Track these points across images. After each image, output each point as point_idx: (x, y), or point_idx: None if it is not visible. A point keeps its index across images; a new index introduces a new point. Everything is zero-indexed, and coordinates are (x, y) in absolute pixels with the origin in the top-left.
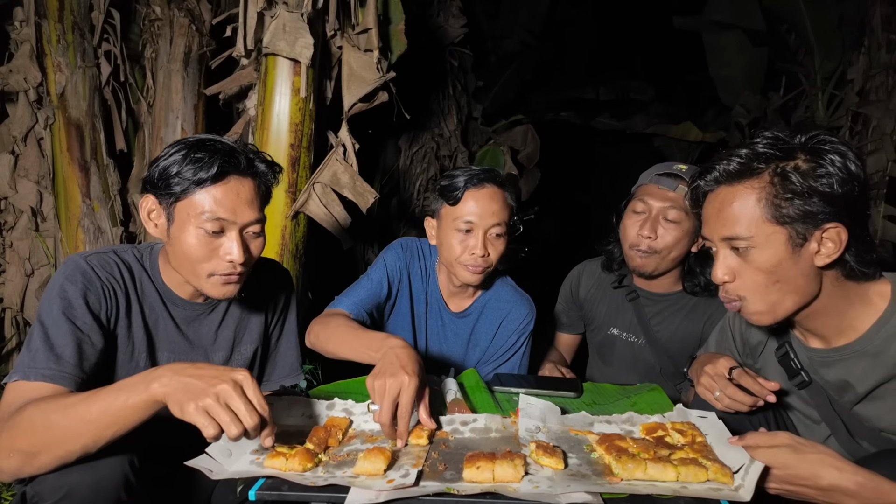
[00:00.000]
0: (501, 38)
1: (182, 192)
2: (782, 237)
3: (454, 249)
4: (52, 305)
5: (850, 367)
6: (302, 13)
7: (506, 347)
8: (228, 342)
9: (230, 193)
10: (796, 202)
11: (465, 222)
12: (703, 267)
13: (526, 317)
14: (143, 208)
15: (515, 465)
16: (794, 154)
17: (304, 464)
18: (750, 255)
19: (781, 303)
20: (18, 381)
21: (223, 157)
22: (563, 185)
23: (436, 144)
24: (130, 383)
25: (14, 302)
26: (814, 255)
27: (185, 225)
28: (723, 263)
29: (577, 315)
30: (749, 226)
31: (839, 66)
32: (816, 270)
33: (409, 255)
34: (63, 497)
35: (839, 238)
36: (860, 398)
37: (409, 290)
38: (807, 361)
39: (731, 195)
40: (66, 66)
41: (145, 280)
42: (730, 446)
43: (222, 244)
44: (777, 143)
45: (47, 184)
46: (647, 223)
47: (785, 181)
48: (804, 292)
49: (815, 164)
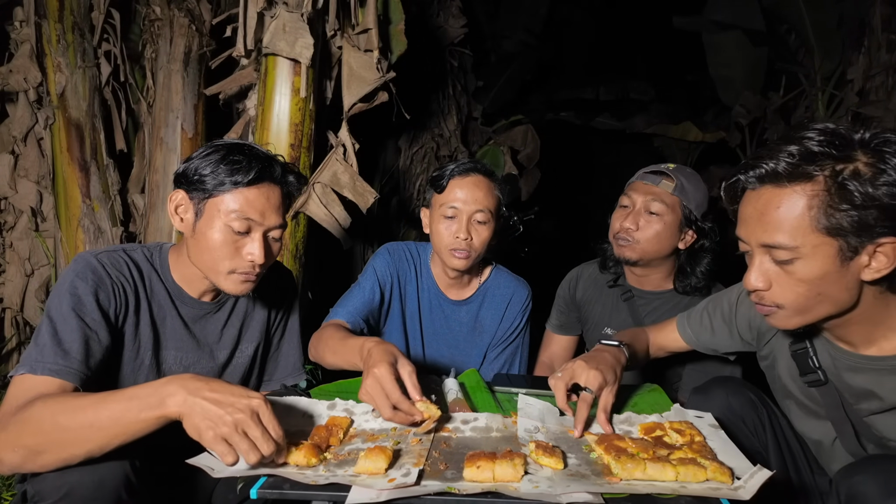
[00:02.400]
0: (501, 38)
1: (215, 190)
2: (832, 249)
3: (442, 235)
4: (62, 301)
5: (881, 379)
6: (302, 13)
7: (513, 328)
8: (233, 340)
9: (261, 197)
10: (853, 213)
11: (450, 208)
12: (693, 266)
13: (527, 297)
14: (171, 202)
15: (515, 464)
16: (854, 155)
17: (310, 458)
18: (792, 265)
19: (814, 312)
20: (25, 375)
21: (262, 163)
22: (563, 185)
23: (436, 144)
24: (143, 395)
25: (14, 302)
26: (862, 269)
27: (213, 220)
28: (758, 269)
29: (575, 317)
30: (795, 235)
31: (839, 66)
32: (860, 283)
33: (396, 259)
34: (64, 496)
35: (894, 253)
36: (883, 410)
37: (400, 294)
38: (829, 361)
39: (776, 198)
40: (66, 66)
41: (154, 278)
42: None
43: (246, 244)
44: (834, 141)
45: (47, 184)
46: (631, 216)
47: (843, 189)
48: (841, 305)
49: (878, 168)
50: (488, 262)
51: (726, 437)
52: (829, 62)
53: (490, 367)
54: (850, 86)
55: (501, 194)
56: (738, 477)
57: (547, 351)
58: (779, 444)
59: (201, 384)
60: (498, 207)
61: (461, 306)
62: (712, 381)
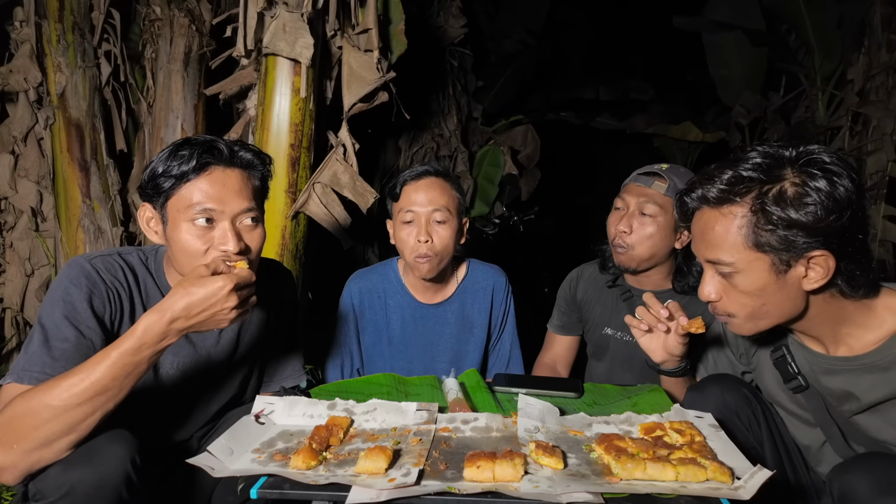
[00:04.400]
0: (501, 38)
1: (170, 190)
2: (765, 264)
3: (404, 242)
4: (54, 308)
5: (856, 379)
6: (302, 13)
7: (501, 313)
8: (231, 344)
9: (215, 184)
10: (779, 232)
11: (407, 212)
12: (690, 266)
13: (506, 281)
14: (142, 219)
15: (515, 464)
16: (783, 175)
17: (308, 462)
18: (734, 278)
19: (765, 319)
20: (12, 384)
21: (202, 148)
22: (563, 185)
23: (436, 144)
24: (125, 342)
25: (14, 302)
26: (801, 279)
27: (177, 222)
28: (710, 282)
29: (576, 318)
30: (731, 251)
31: (839, 66)
32: (804, 293)
33: (354, 293)
34: (65, 494)
35: (826, 265)
36: (862, 409)
37: (374, 323)
38: (806, 366)
39: (713, 219)
40: (66, 66)
41: (150, 282)
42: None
43: (216, 236)
44: (764, 164)
45: (47, 184)
46: (624, 218)
47: (765, 212)
48: (788, 313)
49: (802, 190)
50: (461, 260)
51: (726, 438)
52: (829, 62)
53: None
54: (850, 86)
55: (459, 193)
56: (738, 477)
57: (549, 352)
58: (774, 440)
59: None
60: (458, 205)
61: (444, 308)
62: (707, 378)
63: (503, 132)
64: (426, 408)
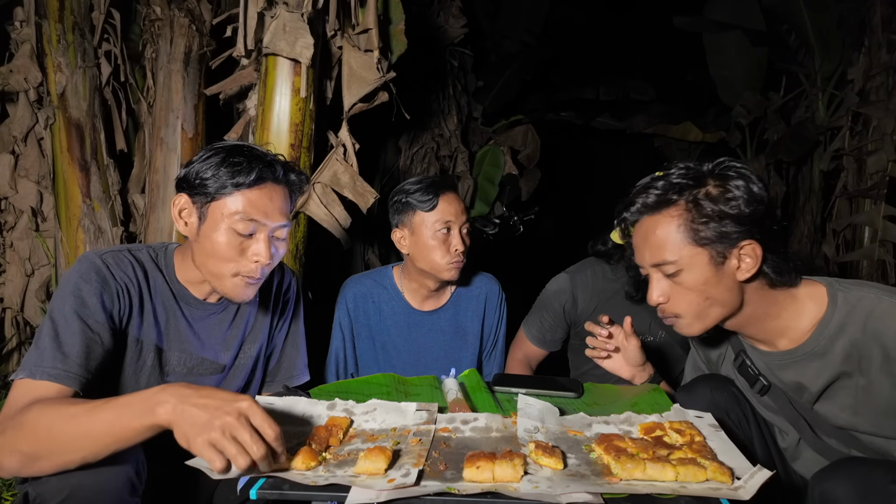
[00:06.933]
0: (501, 38)
1: (217, 193)
2: (705, 258)
3: (438, 252)
4: (64, 303)
5: (802, 369)
6: (302, 13)
7: (495, 321)
8: (237, 341)
9: (264, 198)
10: (712, 225)
11: (444, 223)
12: None
13: (500, 289)
14: (174, 206)
15: (515, 464)
16: (704, 181)
17: (308, 462)
18: (679, 277)
19: (709, 315)
20: (25, 379)
21: (262, 163)
22: (563, 185)
23: (436, 144)
24: (135, 403)
25: (14, 302)
26: (735, 271)
27: (217, 224)
28: (656, 286)
29: (562, 335)
30: (674, 250)
31: (839, 66)
32: (739, 284)
33: (349, 298)
34: (65, 499)
35: (755, 253)
36: (815, 398)
37: (362, 329)
38: (764, 366)
39: (653, 224)
40: (66, 66)
41: (159, 279)
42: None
43: (251, 246)
44: (689, 173)
45: (47, 184)
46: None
47: (698, 207)
48: (730, 305)
49: (724, 188)
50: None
51: (726, 438)
52: (829, 62)
53: (493, 368)
54: (850, 86)
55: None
56: (738, 477)
57: (521, 350)
58: (763, 437)
59: (191, 391)
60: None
61: (438, 315)
62: (697, 378)
63: (503, 132)
64: (426, 408)
